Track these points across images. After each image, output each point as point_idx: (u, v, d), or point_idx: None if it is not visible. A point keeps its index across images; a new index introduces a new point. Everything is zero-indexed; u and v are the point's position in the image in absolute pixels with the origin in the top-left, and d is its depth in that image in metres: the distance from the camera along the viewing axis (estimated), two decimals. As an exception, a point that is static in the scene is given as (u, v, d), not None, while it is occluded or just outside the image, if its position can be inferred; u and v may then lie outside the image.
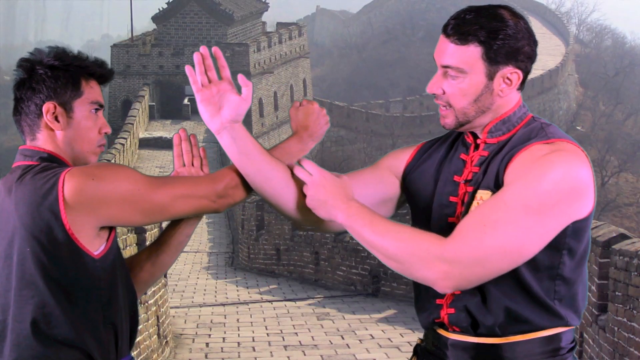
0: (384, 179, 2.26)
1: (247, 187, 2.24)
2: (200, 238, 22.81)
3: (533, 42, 2.09)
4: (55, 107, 2.16)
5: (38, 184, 2.07)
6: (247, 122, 47.63)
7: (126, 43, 51.29)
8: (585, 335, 6.88)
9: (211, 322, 10.09)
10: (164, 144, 38.44)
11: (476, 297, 2.05)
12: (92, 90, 2.21)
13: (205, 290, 13.62)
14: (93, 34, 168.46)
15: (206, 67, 2.18)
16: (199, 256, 19.64)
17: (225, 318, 10.44)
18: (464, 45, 2.06)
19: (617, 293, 6.09)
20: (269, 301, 11.95)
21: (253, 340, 8.87)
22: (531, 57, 2.09)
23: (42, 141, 2.18)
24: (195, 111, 44.89)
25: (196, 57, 2.18)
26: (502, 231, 1.94)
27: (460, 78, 2.07)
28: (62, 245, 2.06)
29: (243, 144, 2.18)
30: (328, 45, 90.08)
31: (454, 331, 2.11)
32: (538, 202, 1.94)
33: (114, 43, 54.33)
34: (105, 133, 2.24)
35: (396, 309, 10.53)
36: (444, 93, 2.10)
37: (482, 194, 2.06)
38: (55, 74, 2.17)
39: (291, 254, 15.01)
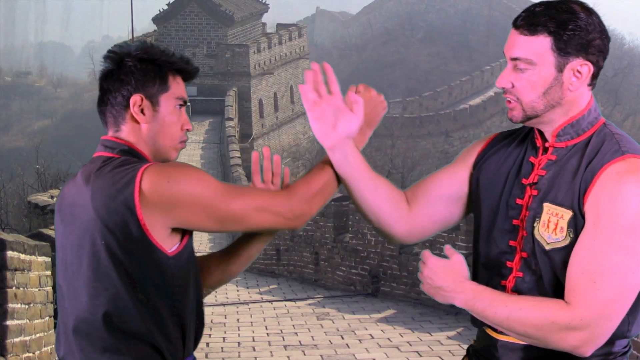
0: (457, 175, 2.27)
1: (323, 197, 2.22)
2: (200, 238, 22.75)
3: (605, 37, 2.06)
4: (142, 100, 2.15)
5: (116, 177, 2.06)
6: (248, 122, 47.66)
7: (126, 44, 51.29)
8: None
9: (211, 322, 10.10)
10: (164, 144, 38.42)
11: None
12: (178, 86, 2.21)
13: (205, 290, 13.62)
14: (93, 35, 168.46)
15: (316, 83, 2.18)
16: (199, 256, 19.58)
17: (225, 318, 10.45)
18: (533, 36, 2.04)
19: (615, 293, 6.10)
20: (269, 301, 11.96)
21: (253, 340, 8.88)
22: (603, 52, 2.05)
23: (126, 133, 2.17)
24: (195, 112, 44.93)
25: (307, 75, 2.18)
26: (612, 281, 1.96)
27: (530, 70, 2.05)
28: (137, 240, 2.05)
29: (354, 161, 2.22)
30: (328, 46, 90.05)
31: (502, 332, 2.11)
32: (630, 239, 1.95)
33: (115, 44, 54.26)
34: (187, 130, 2.23)
35: (396, 309, 10.53)
36: (513, 87, 2.08)
37: (563, 212, 2.03)
38: (144, 66, 2.16)
39: (291, 254, 15.02)
